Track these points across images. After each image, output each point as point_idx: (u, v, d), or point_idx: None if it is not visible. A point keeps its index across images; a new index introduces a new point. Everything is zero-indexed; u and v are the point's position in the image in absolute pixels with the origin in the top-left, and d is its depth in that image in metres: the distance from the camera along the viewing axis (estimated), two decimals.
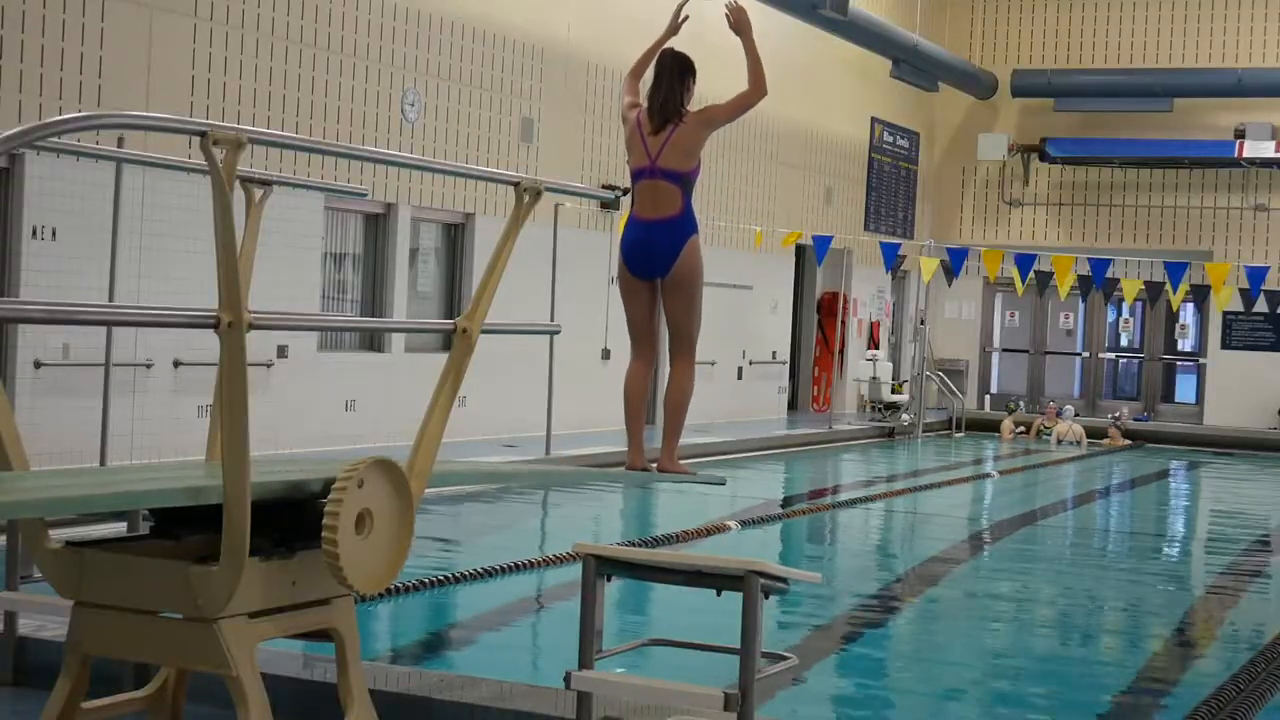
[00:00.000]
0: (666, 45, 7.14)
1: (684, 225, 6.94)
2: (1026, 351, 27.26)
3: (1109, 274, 20.53)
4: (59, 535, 4.08)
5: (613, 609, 7.47)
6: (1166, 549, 13.26)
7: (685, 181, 6.94)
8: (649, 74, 7.15)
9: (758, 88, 6.91)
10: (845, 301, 22.49)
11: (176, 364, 12.36)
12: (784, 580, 4.52)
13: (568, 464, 13.47)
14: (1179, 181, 25.45)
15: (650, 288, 7.04)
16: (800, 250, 22.44)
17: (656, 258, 6.93)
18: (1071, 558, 12.06)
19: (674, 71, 6.97)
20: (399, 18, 14.77)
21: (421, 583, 8.35)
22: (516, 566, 9.21)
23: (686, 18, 7.22)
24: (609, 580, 4.65)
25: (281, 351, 13.46)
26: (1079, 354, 27.13)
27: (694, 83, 7.07)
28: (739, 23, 7.04)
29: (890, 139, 25.17)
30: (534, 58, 16.65)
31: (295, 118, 13.57)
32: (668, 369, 7.23)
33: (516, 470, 5.88)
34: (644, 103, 7.03)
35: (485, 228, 15.93)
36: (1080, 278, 21.01)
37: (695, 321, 7.05)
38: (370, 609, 7.83)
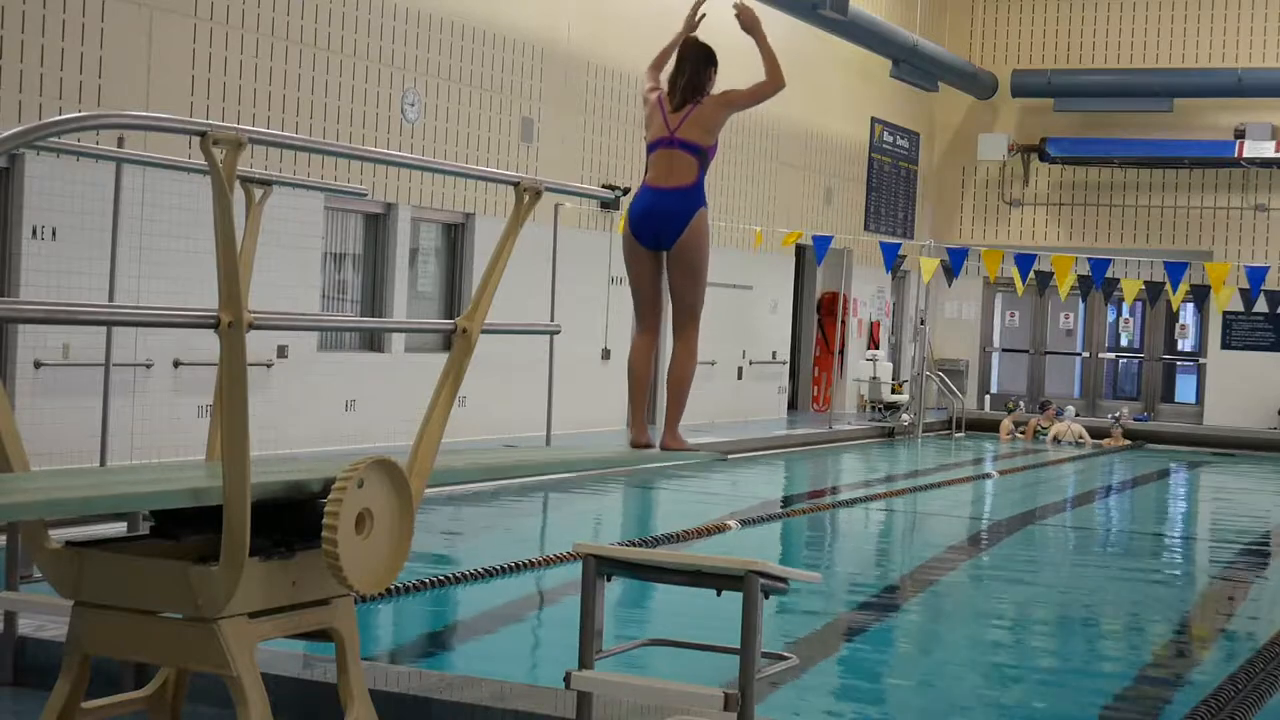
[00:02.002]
0: (689, 36, 7.28)
1: (694, 196, 7.02)
2: (1026, 351, 27.26)
3: (1109, 274, 20.52)
4: (59, 535, 4.07)
5: (613, 609, 7.47)
6: (1166, 549, 13.25)
7: (703, 156, 7.04)
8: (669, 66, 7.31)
9: (774, 79, 7.09)
10: (845, 301, 22.48)
11: (176, 364, 12.36)
12: (784, 580, 4.51)
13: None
14: (1179, 181, 25.45)
15: (655, 258, 7.10)
16: (800, 250, 22.44)
17: (664, 226, 6.99)
18: (1071, 557, 12.06)
19: (697, 59, 7.17)
20: (399, 18, 14.77)
21: (421, 583, 8.35)
22: (516, 566, 9.20)
23: (704, 15, 7.33)
24: (609, 580, 4.65)
25: (281, 351, 13.46)
26: (1079, 354, 27.14)
27: (715, 73, 7.20)
28: (748, 22, 7.28)
29: (890, 139, 25.17)
30: (534, 58, 16.65)
31: (295, 118, 13.58)
32: (670, 348, 7.26)
33: (519, 462, 5.84)
34: (664, 86, 7.17)
35: (485, 228, 15.93)
36: (1080, 278, 21.00)
37: (699, 295, 7.09)
38: (370, 609, 7.82)
